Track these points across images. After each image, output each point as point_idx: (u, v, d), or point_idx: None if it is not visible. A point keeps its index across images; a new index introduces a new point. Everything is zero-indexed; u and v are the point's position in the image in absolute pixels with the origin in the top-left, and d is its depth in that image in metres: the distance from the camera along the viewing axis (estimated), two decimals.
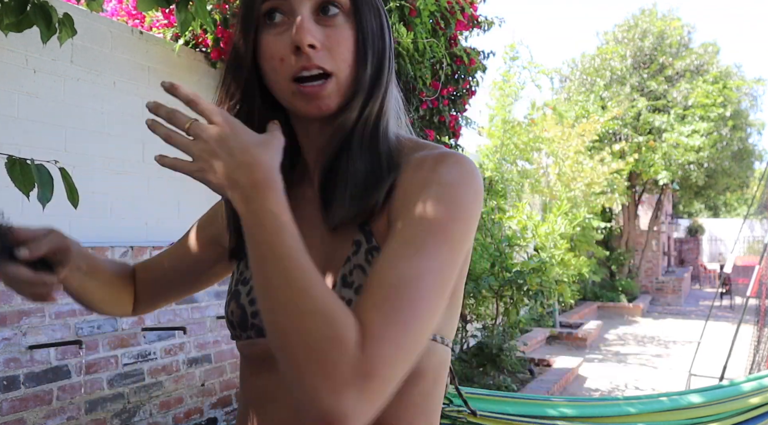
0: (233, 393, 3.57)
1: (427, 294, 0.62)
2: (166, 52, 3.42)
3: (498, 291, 5.32)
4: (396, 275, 0.62)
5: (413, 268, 0.62)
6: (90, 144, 3.00)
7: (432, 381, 0.75)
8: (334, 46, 0.70)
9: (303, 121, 0.77)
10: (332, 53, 0.70)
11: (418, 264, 0.63)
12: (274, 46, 0.70)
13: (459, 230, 0.67)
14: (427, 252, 0.64)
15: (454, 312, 0.77)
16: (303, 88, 0.70)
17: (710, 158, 11.84)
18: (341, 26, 0.71)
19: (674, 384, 5.69)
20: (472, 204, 0.69)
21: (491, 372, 5.29)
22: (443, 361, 0.76)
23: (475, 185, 0.70)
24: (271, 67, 0.71)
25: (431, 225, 0.65)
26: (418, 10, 3.61)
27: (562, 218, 6.54)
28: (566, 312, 9.71)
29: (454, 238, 0.66)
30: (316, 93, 0.70)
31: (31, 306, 2.55)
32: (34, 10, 1.63)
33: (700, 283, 18.77)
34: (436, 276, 0.63)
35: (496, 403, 2.68)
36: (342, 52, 0.71)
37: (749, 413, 2.63)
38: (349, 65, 0.72)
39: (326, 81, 0.70)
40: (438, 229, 0.65)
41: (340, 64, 0.71)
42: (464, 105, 4.40)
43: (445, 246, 0.65)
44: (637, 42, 12.50)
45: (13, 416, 2.44)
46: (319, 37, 0.69)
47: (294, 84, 0.70)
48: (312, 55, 0.69)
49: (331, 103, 0.71)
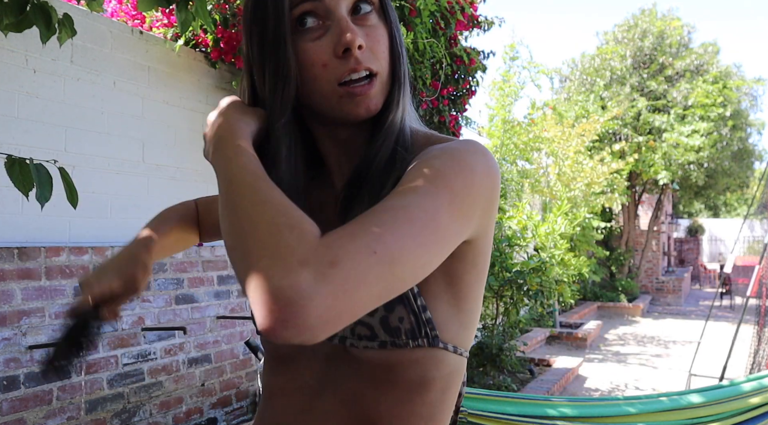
0: (233, 393, 3.57)
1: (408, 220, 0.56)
2: (165, 52, 3.42)
3: (498, 291, 5.32)
4: (383, 205, 0.58)
5: (403, 200, 0.58)
6: (90, 144, 3.00)
7: (440, 391, 0.71)
8: (375, 45, 0.69)
9: (329, 127, 0.75)
10: (374, 52, 0.69)
11: (406, 197, 0.58)
12: (315, 53, 0.67)
13: (462, 184, 0.62)
14: (419, 190, 0.59)
15: (469, 321, 0.73)
16: (352, 89, 0.67)
17: (710, 158, 11.83)
18: (376, 24, 0.70)
19: (674, 384, 5.68)
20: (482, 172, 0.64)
21: (491, 372, 5.29)
22: (454, 371, 0.72)
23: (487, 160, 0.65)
24: (312, 74, 0.68)
25: (432, 173, 0.61)
26: (418, 10, 3.61)
27: (562, 218, 6.54)
28: (566, 312, 9.71)
29: (456, 189, 0.61)
30: (365, 92, 0.68)
31: (31, 306, 2.55)
32: (33, 10, 1.63)
33: (700, 283, 18.76)
34: (427, 211, 0.57)
35: (496, 403, 2.68)
36: (382, 50, 0.70)
37: (749, 413, 2.63)
38: (389, 63, 0.71)
39: (372, 80, 0.69)
40: (436, 175, 0.61)
41: (382, 62, 0.70)
42: (464, 105, 4.40)
43: (443, 192, 0.60)
44: (637, 42, 12.50)
45: (13, 416, 2.44)
46: (362, 37, 0.67)
47: (341, 87, 0.67)
48: (360, 57, 0.67)
49: (378, 102, 0.70)
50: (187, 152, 3.53)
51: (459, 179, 0.62)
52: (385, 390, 0.69)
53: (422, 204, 0.58)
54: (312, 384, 0.74)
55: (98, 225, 3.02)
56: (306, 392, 0.74)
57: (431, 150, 0.67)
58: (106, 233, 3.05)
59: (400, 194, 0.59)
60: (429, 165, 0.63)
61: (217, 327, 3.48)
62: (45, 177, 1.43)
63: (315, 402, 0.73)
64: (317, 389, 0.73)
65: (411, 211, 0.57)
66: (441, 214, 0.58)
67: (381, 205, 0.58)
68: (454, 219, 0.60)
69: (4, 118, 2.64)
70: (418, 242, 0.56)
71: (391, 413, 0.69)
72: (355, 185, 0.70)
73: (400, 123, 0.72)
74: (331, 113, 0.70)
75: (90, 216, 2.96)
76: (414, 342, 0.67)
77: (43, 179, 1.43)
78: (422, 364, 0.68)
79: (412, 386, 0.68)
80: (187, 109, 3.55)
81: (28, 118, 2.74)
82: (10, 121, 2.67)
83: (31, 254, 2.57)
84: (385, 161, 0.70)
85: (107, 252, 2.88)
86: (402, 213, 0.56)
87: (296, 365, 0.76)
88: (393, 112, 0.71)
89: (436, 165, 0.62)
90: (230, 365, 3.56)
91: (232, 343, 3.57)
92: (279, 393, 0.77)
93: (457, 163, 0.63)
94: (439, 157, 0.64)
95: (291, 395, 0.75)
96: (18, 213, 2.67)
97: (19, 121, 2.70)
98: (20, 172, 1.41)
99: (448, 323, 0.70)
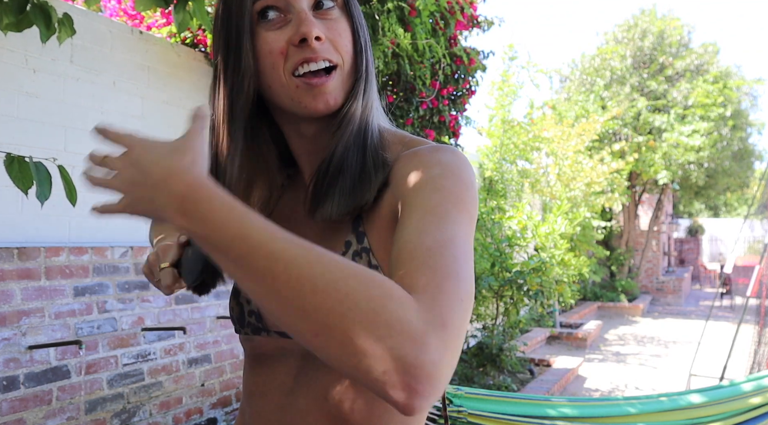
0: (233, 393, 3.57)
1: (462, 255, 0.59)
2: (165, 52, 3.42)
3: (498, 291, 5.32)
4: (431, 239, 0.59)
5: (446, 233, 0.60)
6: (90, 144, 2.99)
7: None
8: (336, 38, 0.71)
9: (296, 124, 0.75)
10: (335, 45, 0.70)
11: (447, 229, 0.60)
12: (273, 41, 0.68)
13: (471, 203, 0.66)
14: (452, 220, 0.62)
15: None
16: (309, 80, 0.68)
17: (710, 158, 11.83)
18: (338, 19, 0.72)
19: (674, 384, 5.68)
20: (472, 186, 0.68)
21: (491, 372, 5.29)
22: None
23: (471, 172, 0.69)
24: (269, 62, 0.69)
25: (449, 196, 0.64)
26: (418, 10, 3.61)
27: (562, 218, 6.54)
28: (566, 312, 9.71)
29: (469, 210, 0.65)
30: (323, 85, 0.68)
31: (31, 306, 2.55)
32: (33, 10, 1.63)
33: (701, 283, 18.76)
34: (465, 241, 0.61)
35: (496, 403, 2.68)
36: (344, 43, 0.71)
37: (749, 413, 2.63)
38: (351, 56, 0.72)
39: (332, 73, 0.69)
40: (455, 199, 0.64)
41: (344, 56, 0.71)
42: (464, 105, 4.40)
43: (464, 215, 0.63)
44: (637, 42, 12.50)
45: (12, 416, 2.44)
46: (322, 29, 0.69)
47: (299, 79, 0.68)
48: (318, 48, 0.68)
49: (338, 97, 0.70)
50: None
51: (469, 200, 0.65)
52: (357, 386, 0.69)
53: (460, 235, 0.61)
54: (288, 382, 0.74)
55: (98, 225, 3.02)
56: (283, 391, 0.74)
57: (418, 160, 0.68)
58: (106, 233, 3.05)
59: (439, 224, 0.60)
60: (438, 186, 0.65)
61: (217, 327, 3.48)
62: (44, 175, 1.44)
63: (291, 401, 0.73)
64: (293, 387, 0.73)
65: (457, 246, 0.59)
66: (469, 238, 0.63)
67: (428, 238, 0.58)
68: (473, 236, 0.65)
69: (4, 118, 2.64)
70: (469, 267, 0.59)
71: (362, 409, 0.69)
72: (321, 182, 0.70)
73: (362, 117, 0.72)
74: (291, 107, 0.70)
75: (90, 217, 2.96)
76: None
77: (43, 177, 1.43)
78: None
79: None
80: (187, 109, 3.55)
81: (28, 118, 2.74)
82: (10, 121, 2.67)
83: (31, 254, 2.57)
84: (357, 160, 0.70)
85: (107, 252, 2.88)
86: (452, 249, 0.58)
87: (274, 364, 0.76)
88: (353, 103, 0.72)
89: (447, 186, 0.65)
90: (230, 365, 3.56)
91: (232, 343, 3.57)
92: (258, 393, 0.77)
93: (461, 180, 0.66)
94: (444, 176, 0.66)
95: (269, 394, 0.75)
96: (18, 213, 2.67)
97: (18, 120, 2.70)
98: (19, 169, 1.41)
99: None
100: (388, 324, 0.48)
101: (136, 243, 3.10)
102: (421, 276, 0.54)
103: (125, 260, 2.99)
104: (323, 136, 0.74)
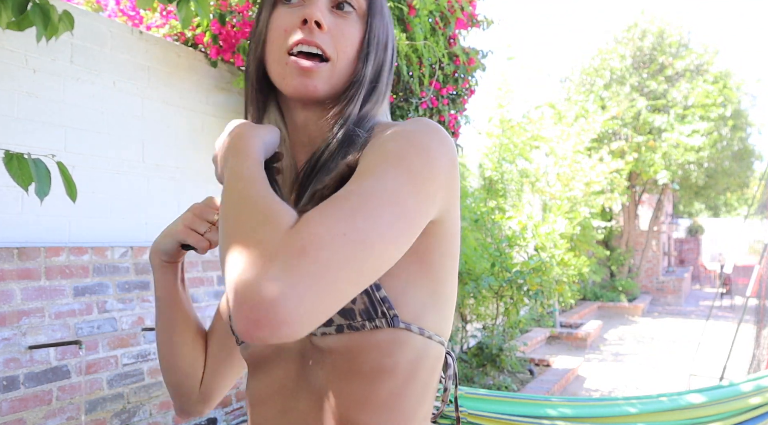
0: (233, 393, 3.57)
1: (374, 205, 0.55)
2: (165, 52, 3.42)
3: (498, 291, 5.32)
4: (344, 189, 0.58)
5: (362, 184, 0.58)
6: (90, 144, 3.00)
7: (403, 379, 0.67)
8: (339, 35, 0.72)
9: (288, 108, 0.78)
10: (335, 40, 0.72)
11: (366, 180, 0.58)
12: (283, 19, 0.73)
13: (419, 164, 0.61)
14: (380, 175, 0.59)
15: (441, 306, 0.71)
16: (296, 60, 0.71)
17: (710, 158, 11.84)
18: (352, 22, 0.74)
19: (674, 384, 5.68)
20: (427, 151, 0.63)
21: (491, 372, 5.29)
22: (423, 356, 0.69)
23: (436, 140, 0.65)
24: (273, 37, 0.74)
25: (389, 155, 0.62)
26: (417, 10, 3.61)
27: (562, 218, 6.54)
28: (566, 312, 9.71)
29: (413, 168, 0.61)
30: (308, 69, 0.71)
31: (31, 306, 2.55)
32: (34, 10, 1.63)
33: (701, 283, 18.77)
34: (388, 191, 0.57)
35: (496, 403, 2.68)
36: (345, 43, 0.73)
37: (749, 413, 2.63)
38: (348, 59, 0.73)
39: (321, 63, 0.71)
40: (395, 158, 0.61)
41: (340, 54, 0.72)
42: (464, 104, 4.40)
43: (400, 172, 0.60)
44: (637, 42, 12.50)
45: (12, 416, 2.44)
46: (328, 21, 0.72)
47: (290, 56, 0.71)
48: (315, 33, 0.71)
49: (320, 86, 0.72)
50: (187, 152, 3.53)
51: (417, 160, 0.62)
52: (348, 381, 0.67)
53: (384, 186, 0.58)
54: (289, 385, 0.72)
55: (98, 225, 3.02)
56: (284, 394, 0.72)
57: (385, 131, 0.68)
58: (105, 233, 3.05)
59: (361, 178, 0.60)
60: (385, 147, 0.63)
61: None
62: (43, 171, 1.43)
63: (292, 404, 0.71)
64: (294, 390, 0.72)
65: (374, 193, 0.56)
66: (404, 196, 0.58)
67: (343, 189, 0.58)
68: (417, 200, 0.60)
69: (4, 118, 2.64)
70: (385, 222, 0.55)
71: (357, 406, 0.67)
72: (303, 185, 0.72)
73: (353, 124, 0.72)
74: (279, 84, 0.74)
75: (90, 216, 2.96)
76: (371, 324, 0.65)
77: (42, 174, 1.42)
78: (384, 348, 0.66)
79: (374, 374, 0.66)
80: (187, 109, 3.55)
81: (28, 118, 2.74)
82: (10, 121, 2.67)
83: (31, 254, 2.57)
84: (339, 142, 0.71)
85: (107, 252, 2.88)
86: (366, 195, 0.56)
87: (273, 369, 0.74)
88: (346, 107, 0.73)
89: (392, 147, 0.63)
90: None
91: None
92: (259, 401, 0.75)
93: (412, 144, 0.63)
94: (394, 139, 0.65)
95: (271, 400, 0.73)
96: (18, 213, 2.67)
97: (18, 120, 2.70)
98: (19, 166, 1.41)
99: (411, 302, 0.67)
100: (248, 245, 0.51)
101: (136, 244, 3.10)
102: (314, 211, 0.54)
103: (125, 260, 2.99)
104: (310, 126, 0.76)
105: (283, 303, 0.47)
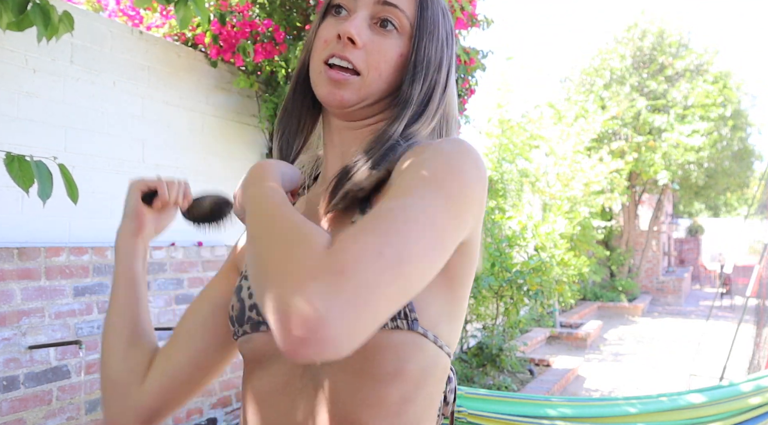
0: (233, 393, 3.57)
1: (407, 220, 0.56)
2: (165, 52, 3.42)
3: (498, 291, 5.32)
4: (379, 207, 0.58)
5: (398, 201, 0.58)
6: (90, 144, 3.00)
7: (414, 385, 0.67)
8: (374, 51, 0.74)
9: (332, 126, 0.81)
10: (369, 56, 0.74)
11: (404, 200, 0.58)
12: (326, 30, 0.77)
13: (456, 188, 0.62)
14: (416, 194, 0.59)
15: (454, 319, 0.72)
16: (329, 70, 0.74)
17: (710, 158, 11.84)
18: (391, 41, 0.75)
19: (674, 384, 5.68)
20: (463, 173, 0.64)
21: (491, 372, 5.30)
22: (432, 366, 0.69)
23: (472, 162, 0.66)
24: (316, 46, 0.78)
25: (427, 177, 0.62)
26: None
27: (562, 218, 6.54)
28: (566, 312, 9.71)
29: (451, 193, 0.62)
30: (339, 79, 0.74)
31: (31, 306, 2.55)
32: (34, 10, 1.63)
33: (701, 283, 18.77)
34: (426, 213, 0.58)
35: (496, 403, 2.68)
36: (378, 59, 0.75)
37: (749, 413, 2.63)
38: (381, 76, 0.75)
39: (352, 75, 0.74)
40: (432, 179, 0.62)
41: (371, 70, 0.74)
42: (464, 104, 4.40)
43: (438, 195, 0.60)
44: (637, 42, 12.50)
45: (12, 416, 2.44)
46: (363, 37, 0.74)
47: (325, 66, 0.75)
48: (348, 48, 0.73)
49: (346, 96, 0.74)
50: (187, 152, 3.53)
51: (454, 184, 0.63)
52: (360, 381, 0.66)
53: (422, 208, 0.58)
54: (295, 383, 0.71)
55: (98, 225, 3.02)
56: (289, 393, 0.71)
57: (420, 149, 0.68)
58: (106, 233, 3.05)
59: (397, 197, 0.59)
60: (421, 168, 0.64)
61: None
62: (45, 173, 1.43)
63: (298, 403, 0.70)
64: (300, 388, 0.70)
65: (411, 214, 0.57)
66: (440, 219, 0.59)
67: (378, 208, 0.58)
68: (453, 224, 0.61)
69: (4, 118, 2.64)
70: (423, 245, 0.56)
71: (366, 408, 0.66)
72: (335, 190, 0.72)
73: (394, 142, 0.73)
74: (315, 91, 0.78)
75: (90, 217, 2.96)
76: (392, 323, 0.65)
77: (44, 175, 1.42)
78: (398, 351, 0.66)
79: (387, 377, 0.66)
80: (187, 109, 3.55)
81: (28, 118, 2.74)
82: (10, 121, 2.67)
83: (31, 254, 2.57)
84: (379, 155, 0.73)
85: (107, 252, 2.88)
86: (402, 215, 0.56)
87: (276, 365, 0.73)
88: (390, 124, 0.75)
89: (430, 168, 0.63)
90: (230, 365, 3.56)
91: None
92: (260, 398, 0.74)
93: (449, 167, 0.64)
94: (432, 159, 0.65)
95: (273, 398, 0.72)
96: (18, 213, 2.67)
97: (18, 120, 2.70)
98: (20, 168, 1.40)
99: (431, 310, 0.68)
100: (285, 266, 0.52)
101: None
102: (349, 230, 0.55)
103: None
104: (344, 133, 0.80)
105: (329, 322, 0.48)
